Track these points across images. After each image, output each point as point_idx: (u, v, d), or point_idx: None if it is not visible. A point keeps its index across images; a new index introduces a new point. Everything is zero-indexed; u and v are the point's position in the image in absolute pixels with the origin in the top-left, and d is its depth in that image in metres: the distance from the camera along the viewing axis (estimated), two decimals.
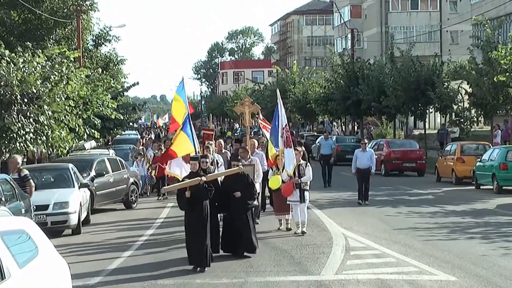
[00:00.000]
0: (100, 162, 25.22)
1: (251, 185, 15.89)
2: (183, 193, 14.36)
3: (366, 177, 24.42)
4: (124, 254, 16.10)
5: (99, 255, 16.31)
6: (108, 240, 18.50)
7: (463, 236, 17.87)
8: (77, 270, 14.21)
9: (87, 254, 16.50)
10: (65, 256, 16.05)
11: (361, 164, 24.59)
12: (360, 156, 24.75)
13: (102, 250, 16.91)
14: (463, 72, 37.62)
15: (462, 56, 47.62)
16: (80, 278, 13.47)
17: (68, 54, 24.51)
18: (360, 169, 24.56)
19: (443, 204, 24.46)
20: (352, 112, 52.60)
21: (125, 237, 18.56)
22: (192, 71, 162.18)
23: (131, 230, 19.84)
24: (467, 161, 31.34)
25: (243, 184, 15.56)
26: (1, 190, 15.70)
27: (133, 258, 15.69)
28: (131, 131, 58.20)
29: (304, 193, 18.18)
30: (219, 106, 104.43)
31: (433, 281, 12.67)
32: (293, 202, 18.30)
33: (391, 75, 44.44)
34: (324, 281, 12.85)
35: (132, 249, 16.70)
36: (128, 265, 14.85)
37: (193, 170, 14.71)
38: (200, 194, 14.29)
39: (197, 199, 14.23)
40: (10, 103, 20.99)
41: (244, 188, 15.53)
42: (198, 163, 14.76)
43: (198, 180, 14.30)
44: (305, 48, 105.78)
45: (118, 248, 16.96)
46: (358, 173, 24.65)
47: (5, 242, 7.79)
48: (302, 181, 18.15)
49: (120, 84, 43.86)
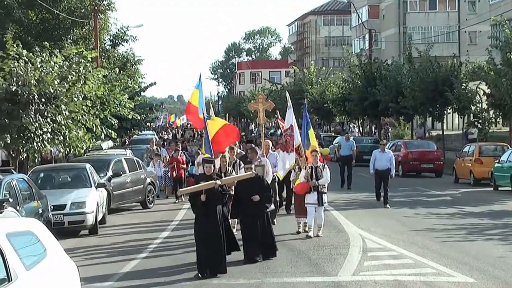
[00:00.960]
0: (117, 162, 25.25)
1: (267, 188, 15.59)
2: (198, 196, 13.84)
3: (385, 178, 24.19)
4: (140, 256, 16.10)
5: (114, 257, 16.28)
6: (123, 242, 18.48)
7: (481, 237, 17.74)
8: (91, 272, 14.28)
9: (102, 256, 16.49)
10: (80, 257, 16.16)
11: (379, 165, 24.36)
12: (379, 157, 24.53)
13: (118, 252, 16.89)
14: (482, 73, 37.40)
15: (480, 57, 47.29)
16: (93, 281, 13.50)
17: (85, 54, 24.59)
18: (378, 170, 24.40)
19: (461, 205, 24.31)
20: (369, 112, 52.44)
21: (140, 239, 18.51)
22: (209, 71, 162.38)
23: (146, 232, 19.80)
24: (485, 162, 31.15)
25: (260, 187, 15.26)
26: (19, 190, 15.75)
27: (148, 260, 15.67)
28: (148, 131, 58.32)
29: (322, 196, 17.91)
30: (236, 106, 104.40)
31: (450, 283, 12.57)
32: (310, 205, 17.95)
33: (409, 76, 44.28)
34: (341, 282, 12.79)
35: (147, 252, 16.66)
36: (143, 268, 14.82)
37: (208, 173, 14.17)
38: (214, 198, 13.82)
39: (211, 203, 13.79)
40: (27, 103, 21.09)
41: (261, 191, 15.23)
42: (213, 165, 14.42)
43: (213, 184, 13.79)
44: (323, 49, 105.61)
45: (133, 251, 16.95)
46: (377, 174, 24.53)
47: (12, 244, 7.66)
48: (319, 183, 17.88)
49: (137, 84, 43.94)
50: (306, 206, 18.05)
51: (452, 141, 48.14)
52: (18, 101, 21.01)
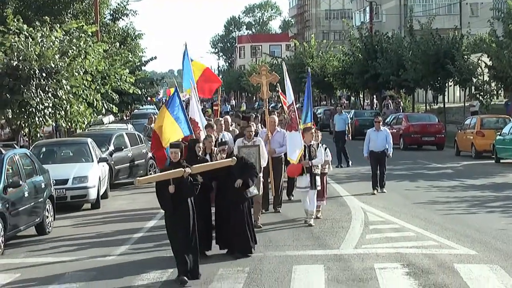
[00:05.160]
0: (118, 136, 25.23)
1: (251, 170, 13.26)
2: (166, 188, 11.35)
3: (381, 160, 20.78)
4: (145, 227, 16.25)
5: (117, 231, 16.37)
6: (126, 216, 18.56)
7: (483, 210, 17.79)
8: (94, 245, 14.38)
9: (104, 230, 16.60)
10: (83, 231, 16.25)
11: (375, 146, 20.80)
12: (374, 137, 20.85)
13: (121, 226, 16.98)
14: (483, 45, 37.24)
15: (482, 28, 47.13)
16: (97, 255, 13.58)
17: (85, 29, 24.54)
18: (374, 152, 20.83)
19: (463, 178, 24.34)
20: (370, 86, 52.34)
21: (142, 213, 18.58)
22: (210, 45, 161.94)
23: (148, 207, 19.70)
24: (487, 135, 31.09)
25: (240, 170, 13.00)
26: (22, 165, 15.78)
27: (152, 233, 15.78)
28: (149, 106, 58.26)
29: (315, 178, 15.85)
30: (237, 80, 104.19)
31: (452, 255, 12.62)
32: (302, 189, 16.00)
33: (410, 49, 44.11)
34: (343, 255, 12.84)
35: (149, 227, 16.74)
36: (147, 241, 14.90)
37: (174, 160, 11.65)
38: (183, 189, 11.37)
39: (181, 196, 11.38)
40: (28, 78, 21.07)
41: (242, 174, 13.00)
42: (180, 151, 11.72)
43: (181, 172, 11.35)
44: (323, 22, 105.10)
45: (136, 225, 17.02)
46: (372, 156, 20.92)
47: None
48: (313, 164, 15.90)
49: (138, 58, 43.80)
50: (299, 191, 16.47)
51: (454, 114, 48.07)
52: (19, 76, 20.99)
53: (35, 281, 11.84)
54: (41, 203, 16.05)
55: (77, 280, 11.69)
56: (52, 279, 11.86)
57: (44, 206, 16.13)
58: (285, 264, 12.25)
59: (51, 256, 13.74)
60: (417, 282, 10.93)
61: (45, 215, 16.19)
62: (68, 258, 13.50)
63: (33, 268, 12.78)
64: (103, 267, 12.59)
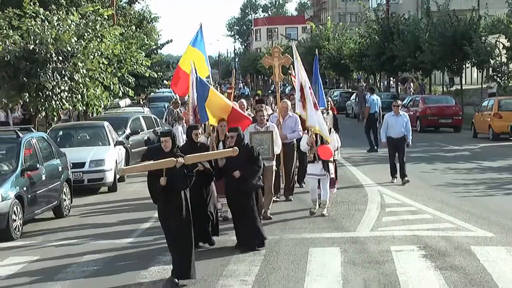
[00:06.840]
0: (135, 120, 25.28)
1: (255, 161, 12.39)
2: (157, 179, 10.29)
3: (400, 148, 19.46)
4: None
5: (135, 213, 16.43)
6: (143, 198, 18.57)
7: (500, 192, 17.71)
8: (112, 228, 14.44)
9: (122, 213, 16.66)
10: (100, 214, 16.34)
11: (394, 132, 19.48)
12: (392, 123, 19.53)
13: (138, 209, 17.00)
14: (501, 26, 36.96)
15: (500, 9, 46.73)
16: (114, 237, 13.65)
17: (101, 12, 24.55)
18: (392, 138, 19.51)
19: (480, 160, 24.23)
20: (386, 68, 52.11)
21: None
22: (226, 28, 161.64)
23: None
24: (504, 117, 30.92)
25: (245, 159, 12.13)
26: (39, 148, 15.86)
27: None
28: (166, 89, 58.32)
29: (328, 165, 15.00)
30: (253, 63, 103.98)
31: (469, 237, 12.59)
32: (313, 177, 15.16)
33: (426, 30, 43.84)
34: (360, 238, 12.83)
35: None
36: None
37: (166, 150, 10.44)
38: (176, 181, 10.31)
39: (173, 189, 10.34)
40: (45, 61, 21.13)
41: (245, 164, 12.20)
42: (171, 139, 10.47)
43: (173, 162, 10.20)
44: (339, 4, 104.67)
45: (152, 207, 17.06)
46: (390, 143, 19.64)
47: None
48: None
49: (154, 42, 43.82)
50: (308, 178, 15.64)
51: (471, 96, 47.80)
52: (36, 60, 21.06)
53: (53, 263, 11.92)
54: (59, 186, 16.14)
55: (94, 264, 11.76)
56: (70, 261, 11.95)
57: (61, 189, 16.22)
58: (301, 247, 12.25)
59: (68, 239, 13.82)
60: (433, 264, 10.90)
61: (63, 198, 16.28)
62: (85, 241, 13.58)
63: (51, 250, 12.88)
64: (120, 250, 12.65)
